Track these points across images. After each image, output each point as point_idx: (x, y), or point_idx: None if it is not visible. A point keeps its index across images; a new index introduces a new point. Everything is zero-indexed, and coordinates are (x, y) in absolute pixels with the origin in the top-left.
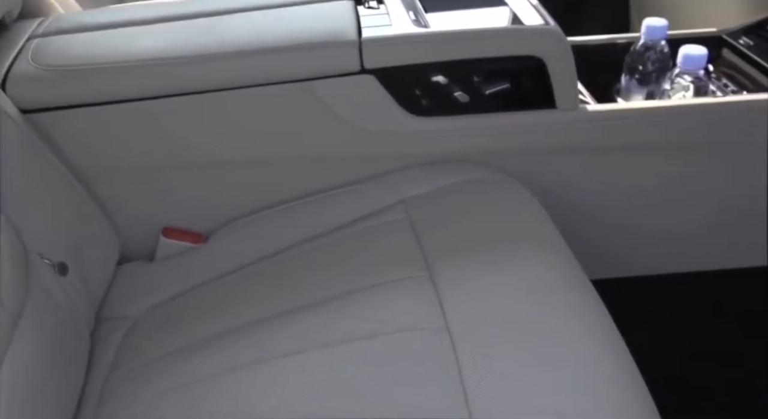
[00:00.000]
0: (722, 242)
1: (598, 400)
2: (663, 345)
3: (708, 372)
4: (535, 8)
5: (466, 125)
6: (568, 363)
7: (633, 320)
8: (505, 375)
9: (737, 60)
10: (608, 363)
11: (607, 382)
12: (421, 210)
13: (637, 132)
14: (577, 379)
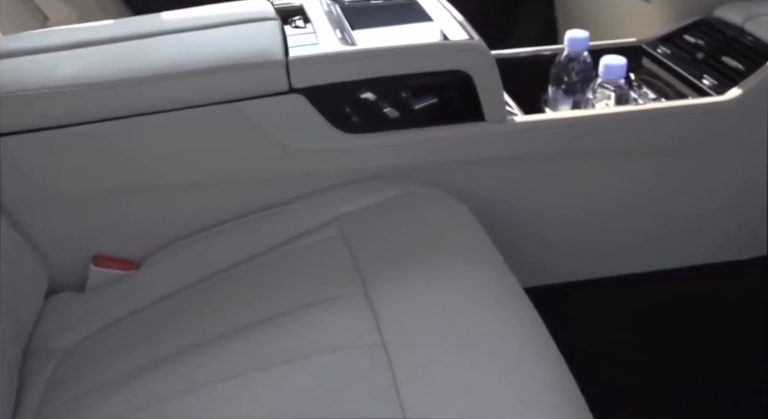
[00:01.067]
0: (652, 244)
1: (534, 407)
2: (603, 348)
3: (651, 374)
4: (460, 24)
5: (396, 140)
6: (503, 372)
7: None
8: (442, 386)
9: (656, 68)
10: (542, 369)
11: (542, 389)
12: (355, 227)
13: (563, 141)
14: (512, 387)
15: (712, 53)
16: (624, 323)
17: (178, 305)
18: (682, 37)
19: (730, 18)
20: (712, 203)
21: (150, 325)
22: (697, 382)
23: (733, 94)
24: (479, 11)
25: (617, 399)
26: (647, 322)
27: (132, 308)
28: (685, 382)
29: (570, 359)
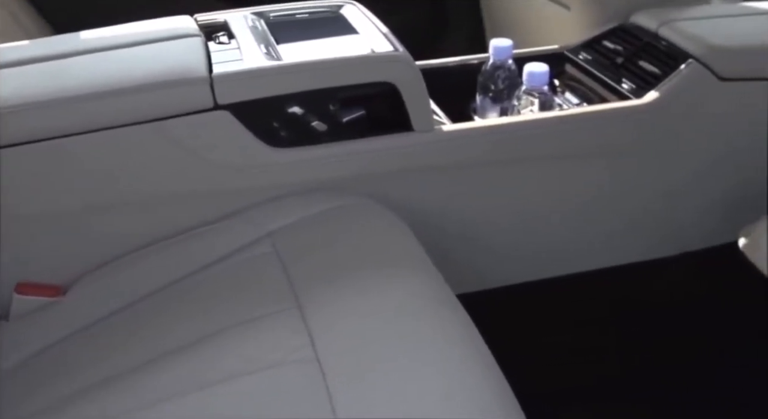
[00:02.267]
0: (587, 245)
1: (467, 411)
2: (544, 349)
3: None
4: (385, 36)
5: (326, 153)
6: (436, 378)
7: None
8: (375, 395)
9: (578, 74)
10: (475, 373)
11: (475, 393)
12: (287, 242)
13: (491, 148)
14: (446, 392)
15: (629, 58)
16: (564, 323)
17: (109, 329)
18: (601, 43)
19: (645, 24)
20: (640, 203)
21: (79, 352)
22: (641, 379)
23: (651, 97)
24: (408, 23)
25: (557, 399)
26: (587, 322)
27: (60, 336)
28: (629, 379)
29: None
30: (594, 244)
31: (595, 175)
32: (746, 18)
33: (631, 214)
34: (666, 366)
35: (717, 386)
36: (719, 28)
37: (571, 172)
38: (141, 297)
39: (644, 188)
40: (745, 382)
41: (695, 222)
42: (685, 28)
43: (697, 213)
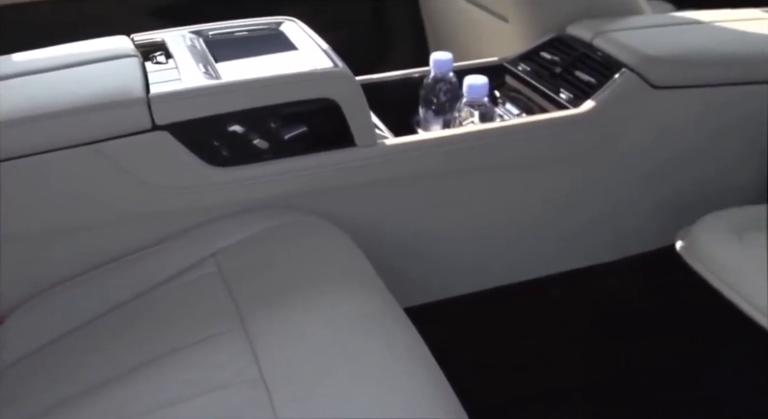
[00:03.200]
0: (534, 252)
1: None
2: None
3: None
4: (325, 52)
5: (268, 171)
6: (382, 395)
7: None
8: (322, 415)
9: (518, 84)
10: (421, 386)
11: (422, 406)
12: (231, 262)
13: (434, 160)
14: (392, 406)
15: (566, 69)
16: (515, 331)
17: (49, 357)
18: (539, 55)
19: (580, 35)
20: (582, 210)
21: (17, 382)
22: (596, 382)
23: (587, 106)
24: (351, 38)
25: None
26: (536, 328)
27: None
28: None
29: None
30: (539, 252)
31: (536, 184)
32: (677, 27)
33: (574, 221)
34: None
35: (652, 389)
36: (651, 38)
37: (513, 181)
38: (83, 324)
39: (585, 195)
40: (687, 384)
41: (637, 227)
42: (619, 38)
43: (638, 218)
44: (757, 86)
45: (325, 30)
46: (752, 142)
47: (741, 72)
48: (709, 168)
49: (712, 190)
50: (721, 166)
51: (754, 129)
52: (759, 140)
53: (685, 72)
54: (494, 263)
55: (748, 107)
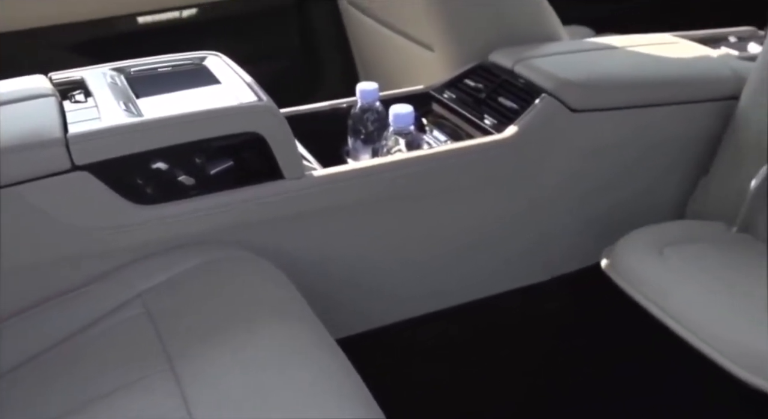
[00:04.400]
0: (465, 277)
1: None
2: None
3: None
4: (249, 86)
5: (195, 207)
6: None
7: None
8: None
9: (444, 112)
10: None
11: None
12: (159, 302)
13: (363, 190)
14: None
15: (490, 95)
16: (455, 354)
17: None
18: (463, 82)
19: (502, 62)
20: (511, 232)
21: None
22: (542, 399)
23: (510, 131)
24: (281, 70)
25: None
26: (472, 350)
27: None
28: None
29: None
30: (472, 276)
31: (465, 209)
32: (593, 53)
33: (505, 244)
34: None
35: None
36: (569, 64)
37: (441, 207)
38: (3, 373)
39: (514, 218)
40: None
41: (567, 247)
42: (538, 64)
43: (567, 237)
44: (669, 107)
45: (253, 62)
46: (672, 160)
47: (654, 94)
48: (632, 187)
49: (636, 208)
50: (643, 185)
51: (673, 148)
52: (678, 158)
53: (601, 95)
54: (427, 289)
55: (665, 128)
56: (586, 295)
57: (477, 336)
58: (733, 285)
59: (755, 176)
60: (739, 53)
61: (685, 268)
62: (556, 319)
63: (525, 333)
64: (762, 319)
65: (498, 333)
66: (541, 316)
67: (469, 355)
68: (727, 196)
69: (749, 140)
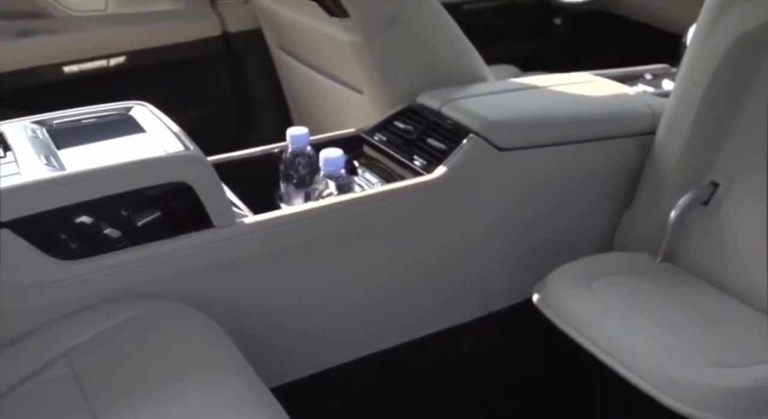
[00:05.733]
0: (402, 317)
1: None
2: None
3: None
4: (176, 135)
5: (123, 260)
6: None
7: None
8: None
9: (376, 154)
10: None
11: None
12: (86, 359)
13: (295, 235)
14: None
15: (419, 136)
16: (395, 396)
17: None
18: (393, 124)
19: (429, 104)
20: (444, 271)
21: None
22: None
23: (440, 171)
24: (216, 117)
25: None
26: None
27: None
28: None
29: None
30: (409, 316)
31: (399, 250)
32: (517, 93)
33: (439, 281)
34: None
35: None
36: (495, 104)
37: (376, 249)
38: None
39: (448, 257)
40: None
41: (502, 282)
42: (464, 105)
43: (502, 273)
44: (592, 143)
45: (186, 109)
46: (598, 194)
47: (576, 131)
48: (562, 221)
49: (567, 242)
50: (572, 218)
51: (598, 182)
52: (603, 192)
53: (526, 134)
54: (364, 331)
55: (588, 163)
56: (521, 329)
57: (417, 375)
58: (656, 315)
59: (674, 207)
60: (654, 90)
61: (611, 300)
62: (493, 354)
63: (464, 370)
64: (683, 347)
65: (437, 371)
66: (478, 352)
67: (410, 395)
68: (650, 227)
69: (667, 172)
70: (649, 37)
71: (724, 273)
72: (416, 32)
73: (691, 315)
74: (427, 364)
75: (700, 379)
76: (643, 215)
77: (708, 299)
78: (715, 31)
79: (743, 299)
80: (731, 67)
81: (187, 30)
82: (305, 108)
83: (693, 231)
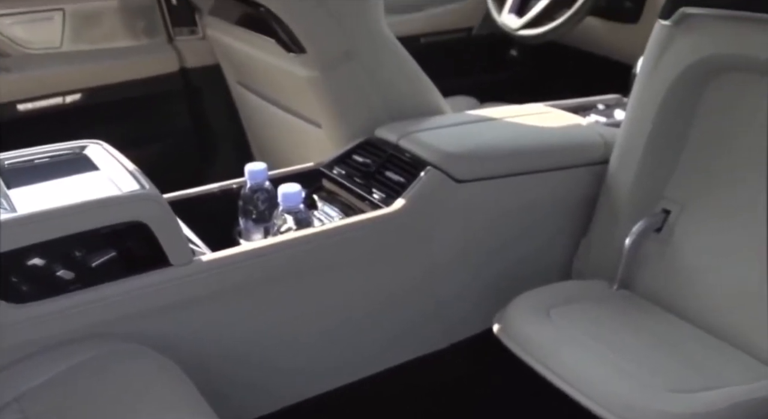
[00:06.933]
0: (366, 350)
1: None
2: None
3: None
4: (131, 173)
5: (77, 301)
6: None
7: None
8: None
9: (335, 187)
10: None
11: None
12: (39, 404)
13: (253, 271)
14: None
15: (378, 169)
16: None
17: None
18: (352, 157)
19: (387, 137)
20: (406, 303)
21: None
22: None
23: (398, 204)
24: (175, 153)
25: None
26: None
27: None
28: None
29: None
30: (370, 349)
31: (359, 283)
32: (474, 125)
33: (401, 313)
34: None
35: None
36: (451, 136)
37: (337, 282)
38: None
39: (408, 289)
40: None
41: (463, 313)
42: (422, 138)
43: (462, 304)
44: (547, 173)
45: (144, 146)
46: (555, 223)
47: (532, 162)
48: (521, 251)
49: (527, 271)
50: (531, 248)
51: (555, 212)
52: (560, 221)
53: (483, 165)
54: (327, 365)
55: (545, 193)
56: (483, 359)
57: (381, 408)
58: (613, 341)
59: (629, 235)
60: (606, 120)
61: (569, 328)
62: (457, 384)
63: (427, 401)
64: (639, 373)
65: (401, 403)
66: (442, 383)
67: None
68: (606, 254)
69: (620, 200)
70: (602, 68)
71: (678, 298)
72: (372, 67)
73: (647, 340)
74: (391, 396)
75: (656, 405)
76: (599, 242)
77: (663, 324)
78: (661, 62)
79: (697, 323)
80: (677, 97)
81: (144, 66)
82: (265, 142)
83: (647, 258)
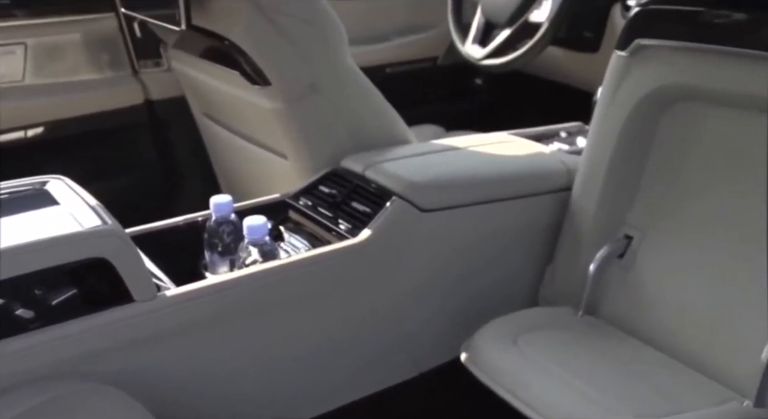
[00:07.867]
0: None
1: None
2: None
3: None
4: (92, 209)
5: (36, 341)
6: None
7: None
8: None
9: (301, 218)
10: None
11: None
12: None
13: (218, 305)
14: None
15: (344, 200)
16: None
17: None
18: (318, 188)
19: (353, 168)
20: (371, 334)
21: None
22: None
23: (364, 235)
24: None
25: None
26: None
27: None
28: None
29: None
30: (337, 381)
31: (326, 313)
32: (438, 154)
33: (369, 344)
34: None
35: None
36: (416, 166)
37: (304, 313)
38: None
39: (376, 318)
40: None
41: (431, 342)
42: (387, 168)
43: (430, 333)
44: (512, 201)
45: (107, 179)
46: (521, 251)
47: (496, 190)
48: (487, 279)
49: (494, 299)
50: (498, 275)
51: (521, 239)
52: (526, 248)
53: (448, 195)
54: (295, 397)
55: (510, 220)
56: (452, 388)
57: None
58: (578, 368)
59: (592, 261)
60: (569, 147)
61: (536, 355)
62: (425, 414)
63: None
64: (604, 400)
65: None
66: (411, 413)
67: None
68: (571, 281)
69: (584, 227)
70: (564, 96)
71: (642, 323)
72: (337, 99)
73: (612, 366)
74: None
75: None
76: (564, 269)
77: (627, 350)
78: (618, 92)
79: (661, 348)
80: (635, 126)
81: (109, 99)
82: (231, 174)
83: (611, 284)
